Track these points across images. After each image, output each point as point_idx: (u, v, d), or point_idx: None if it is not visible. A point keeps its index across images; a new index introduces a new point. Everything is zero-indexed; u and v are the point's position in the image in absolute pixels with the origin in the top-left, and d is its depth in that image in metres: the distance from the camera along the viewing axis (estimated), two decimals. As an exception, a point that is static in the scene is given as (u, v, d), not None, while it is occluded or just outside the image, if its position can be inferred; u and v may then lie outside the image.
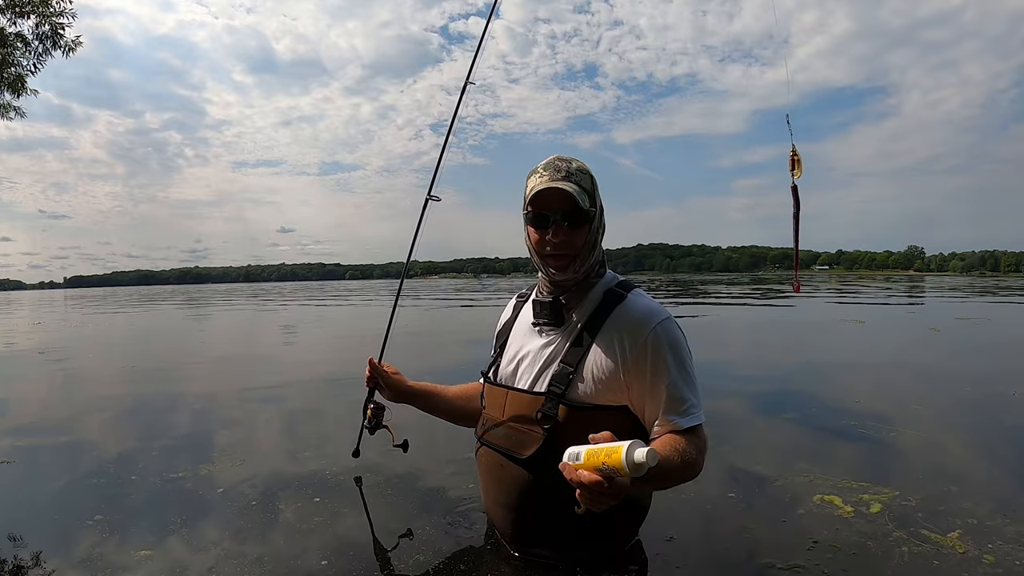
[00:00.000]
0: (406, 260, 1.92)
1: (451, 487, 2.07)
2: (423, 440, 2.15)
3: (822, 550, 1.56)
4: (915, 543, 1.58)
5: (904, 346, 6.37)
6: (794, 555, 1.53)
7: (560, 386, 1.35)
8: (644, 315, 1.35)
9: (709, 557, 1.58)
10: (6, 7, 11.93)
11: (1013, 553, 1.52)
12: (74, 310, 19.27)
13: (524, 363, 1.45)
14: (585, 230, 1.36)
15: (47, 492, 2.15)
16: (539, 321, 1.44)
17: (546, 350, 1.41)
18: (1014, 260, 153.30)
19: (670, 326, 1.34)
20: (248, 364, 5.79)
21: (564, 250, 1.36)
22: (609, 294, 1.40)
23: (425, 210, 1.84)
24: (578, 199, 1.32)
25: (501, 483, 1.45)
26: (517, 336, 1.53)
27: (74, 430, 3.07)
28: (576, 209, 1.33)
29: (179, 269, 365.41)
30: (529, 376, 1.42)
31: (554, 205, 1.34)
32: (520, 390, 1.43)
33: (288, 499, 1.98)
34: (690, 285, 30.98)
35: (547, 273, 1.40)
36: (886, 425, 2.78)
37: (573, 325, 1.40)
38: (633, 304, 1.37)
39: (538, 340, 1.44)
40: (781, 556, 1.53)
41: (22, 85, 12.79)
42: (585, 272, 1.41)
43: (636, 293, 1.41)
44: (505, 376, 1.50)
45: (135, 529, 1.75)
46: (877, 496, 1.90)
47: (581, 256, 1.37)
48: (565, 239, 1.35)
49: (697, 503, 1.87)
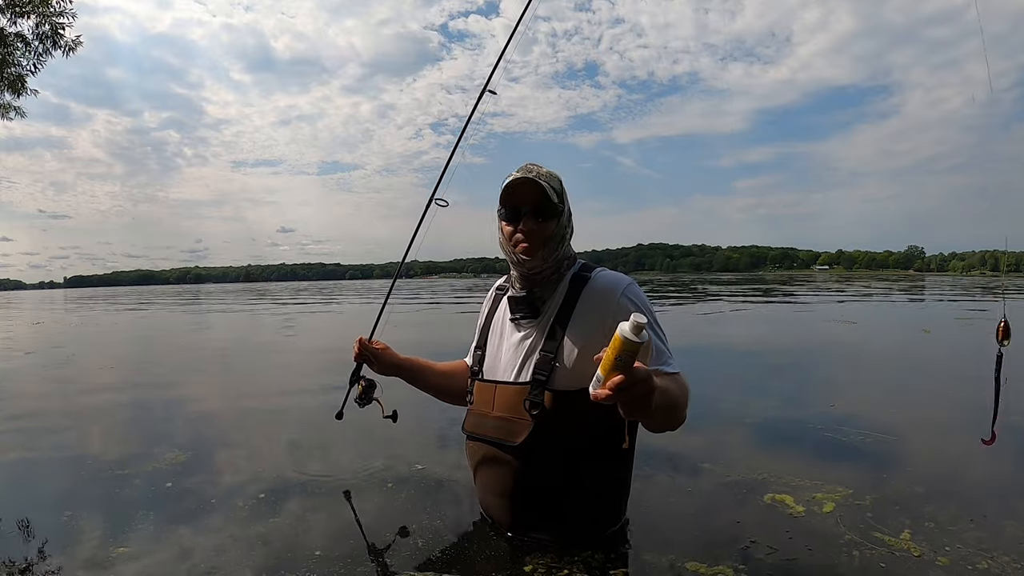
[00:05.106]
0: (401, 259, 1.94)
1: (445, 474, 2.14)
2: (416, 427, 2.21)
3: (770, 548, 1.57)
4: (868, 545, 1.59)
5: (892, 347, 6.37)
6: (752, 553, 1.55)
7: (544, 373, 1.43)
8: (610, 285, 1.46)
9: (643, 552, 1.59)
10: (6, 7, 11.95)
11: (969, 557, 1.52)
12: (72, 312, 19.28)
13: (507, 357, 1.53)
14: (553, 223, 1.48)
15: (17, 488, 2.20)
16: (516, 316, 1.53)
17: (526, 342, 1.50)
18: (1014, 260, 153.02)
19: (636, 289, 1.47)
20: (242, 364, 5.83)
21: (533, 239, 1.47)
22: (575, 279, 1.51)
23: (426, 213, 1.84)
24: (548, 192, 1.43)
25: (494, 472, 1.53)
26: (497, 331, 1.62)
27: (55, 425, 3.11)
28: (546, 202, 1.45)
29: (179, 269, 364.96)
30: (513, 368, 1.50)
31: (525, 198, 1.46)
32: (507, 383, 1.50)
33: (279, 491, 2.02)
34: (687, 285, 30.96)
35: (518, 261, 1.49)
36: (859, 428, 2.78)
37: (548, 315, 1.49)
38: (597, 280, 1.49)
39: (517, 334, 1.53)
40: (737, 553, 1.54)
41: (22, 85, 12.82)
42: (554, 265, 1.50)
43: (599, 271, 1.52)
44: (491, 371, 1.58)
45: (115, 525, 1.77)
46: (831, 495, 1.91)
47: (549, 246, 1.48)
48: (535, 229, 1.46)
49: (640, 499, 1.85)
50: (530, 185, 1.44)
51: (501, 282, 1.72)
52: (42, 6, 12.01)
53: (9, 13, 11.99)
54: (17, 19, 12.05)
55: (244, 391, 4.20)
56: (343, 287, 52.08)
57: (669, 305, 13.37)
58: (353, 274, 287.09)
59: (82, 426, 3.24)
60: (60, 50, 12.40)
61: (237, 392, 4.18)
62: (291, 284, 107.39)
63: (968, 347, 6.30)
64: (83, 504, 2.00)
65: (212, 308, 18.57)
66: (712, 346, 6.42)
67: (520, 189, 1.46)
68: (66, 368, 5.70)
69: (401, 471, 2.23)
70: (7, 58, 12.26)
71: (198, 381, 4.82)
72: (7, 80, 12.64)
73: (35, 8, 12.01)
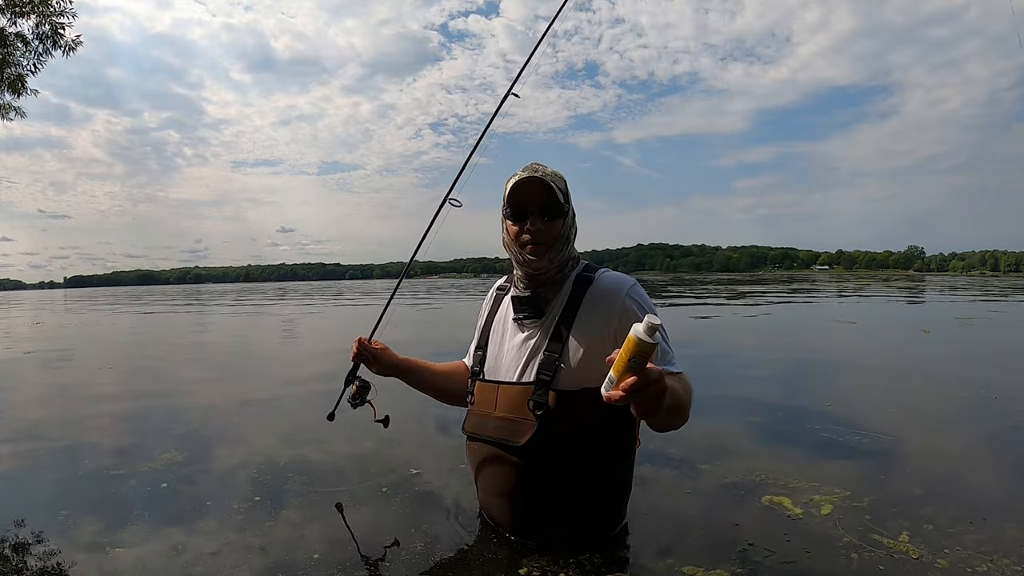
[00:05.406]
0: (410, 258, 1.90)
1: (443, 476, 2.14)
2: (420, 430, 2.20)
3: (768, 552, 1.56)
4: (867, 548, 1.59)
5: (890, 348, 6.35)
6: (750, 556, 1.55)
7: (548, 373, 1.43)
8: (615, 286, 1.47)
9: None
10: (6, 7, 11.95)
11: (968, 559, 1.51)
12: (72, 312, 19.28)
13: (510, 357, 1.53)
14: (560, 223, 1.48)
15: (13, 487, 2.20)
16: (520, 316, 1.53)
17: (530, 342, 1.49)
18: (1014, 260, 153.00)
19: (639, 290, 1.47)
20: (237, 364, 5.82)
21: (541, 239, 1.47)
22: (579, 280, 1.51)
23: (439, 212, 1.80)
24: (555, 192, 1.44)
25: (498, 473, 1.53)
26: (500, 331, 1.61)
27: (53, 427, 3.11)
28: (553, 201, 1.45)
29: (179, 269, 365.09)
30: (516, 368, 1.50)
31: (532, 198, 1.46)
32: (510, 383, 1.50)
33: (276, 492, 2.02)
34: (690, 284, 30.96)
35: (525, 261, 1.49)
36: (857, 429, 2.76)
37: (552, 315, 1.49)
38: (602, 280, 1.49)
39: (520, 334, 1.53)
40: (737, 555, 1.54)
41: (22, 85, 12.82)
42: (559, 265, 1.50)
43: (602, 272, 1.52)
44: (493, 371, 1.58)
45: (111, 525, 1.77)
46: (829, 497, 1.90)
47: (556, 247, 1.48)
48: (542, 228, 1.46)
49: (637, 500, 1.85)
50: (537, 184, 1.44)
51: (502, 282, 1.72)
52: (42, 6, 12.01)
53: (9, 13, 12.00)
54: (17, 19, 12.06)
55: (242, 391, 4.19)
56: (342, 287, 52.07)
57: (665, 306, 13.36)
58: (353, 274, 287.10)
59: (80, 425, 3.23)
60: (60, 50, 12.40)
61: (235, 392, 4.17)
62: (291, 284, 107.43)
63: (968, 347, 6.30)
64: (80, 503, 1.99)
65: (211, 308, 18.56)
66: (710, 346, 6.41)
67: (527, 188, 1.46)
68: (65, 368, 5.69)
69: (398, 474, 2.22)
70: (7, 58, 12.26)
71: (197, 381, 4.81)
72: (7, 80, 12.64)
73: (35, 8, 12.01)
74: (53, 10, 12.11)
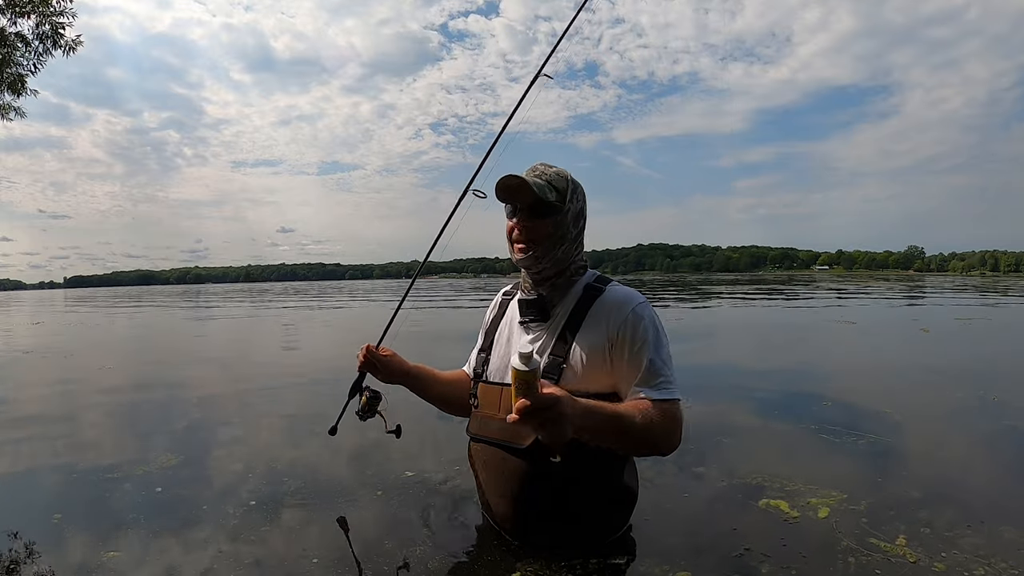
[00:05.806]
0: (426, 253, 1.80)
1: (444, 478, 2.13)
2: (416, 433, 2.19)
3: (764, 556, 1.56)
4: (864, 551, 1.58)
5: (890, 348, 6.35)
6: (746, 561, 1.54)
7: (552, 376, 1.43)
8: (622, 300, 1.48)
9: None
10: (6, 7, 11.96)
11: (966, 563, 1.51)
12: (72, 312, 19.29)
13: None
14: (548, 222, 1.47)
15: (6, 490, 2.20)
16: (526, 319, 1.54)
17: (535, 344, 1.50)
18: (1014, 260, 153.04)
19: (646, 308, 1.48)
20: (234, 365, 5.82)
21: (527, 237, 1.48)
22: (589, 288, 1.52)
23: (459, 204, 1.67)
24: (537, 191, 1.43)
25: (502, 475, 1.53)
26: (506, 334, 1.62)
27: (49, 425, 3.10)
28: (537, 201, 1.45)
29: (179, 269, 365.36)
30: None
31: (517, 196, 1.48)
32: None
33: (273, 496, 2.01)
34: (692, 285, 30.96)
35: (515, 259, 1.52)
36: (855, 431, 2.76)
37: (558, 319, 1.50)
38: (611, 293, 1.50)
39: (526, 336, 1.54)
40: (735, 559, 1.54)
41: (22, 85, 12.83)
42: (554, 266, 1.51)
43: (613, 285, 1.53)
44: (498, 373, 1.59)
45: (105, 530, 1.76)
46: (826, 500, 1.89)
47: (544, 245, 1.48)
48: (527, 226, 1.47)
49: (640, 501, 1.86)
50: (517, 183, 1.45)
51: (508, 288, 1.74)
52: (42, 6, 12.02)
53: (9, 13, 12.00)
54: (17, 19, 12.07)
55: (241, 392, 4.18)
56: (342, 287, 52.07)
57: (669, 304, 13.35)
58: (353, 274, 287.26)
59: (77, 426, 3.22)
60: (60, 50, 12.42)
61: (233, 393, 4.16)
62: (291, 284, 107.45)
63: (967, 348, 6.29)
64: (74, 507, 1.99)
65: (212, 308, 18.56)
66: (706, 344, 6.40)
67: (507, 188, 1.48)
68: (64, 368, 5.68)
69: (398, 477, 2.20)
70: (7, 58, 12.26)
71: (195, 382, 4.80)
72: (7, 80, 12.64)
73: (35, 8, 12.02)
74: (53, 10, 12.13)
